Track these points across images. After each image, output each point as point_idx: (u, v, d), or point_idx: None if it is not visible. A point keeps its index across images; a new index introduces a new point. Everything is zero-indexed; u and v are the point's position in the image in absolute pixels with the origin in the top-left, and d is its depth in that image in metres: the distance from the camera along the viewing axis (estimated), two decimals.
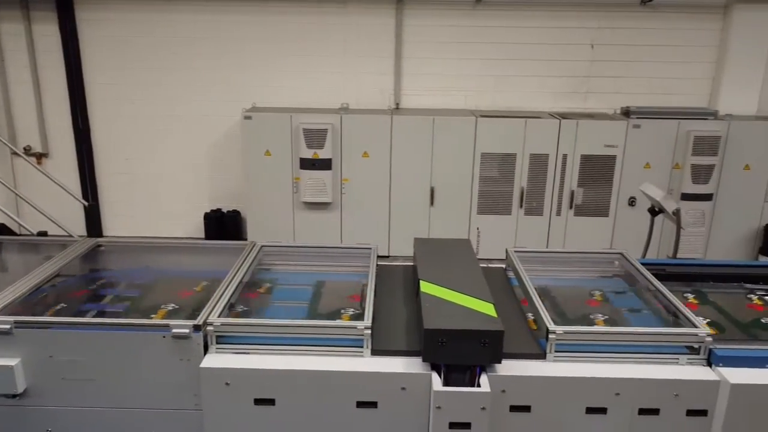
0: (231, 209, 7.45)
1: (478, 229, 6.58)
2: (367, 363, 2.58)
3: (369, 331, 2.61)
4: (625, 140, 6.29)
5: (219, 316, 2.67)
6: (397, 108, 7.10)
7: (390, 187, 6.59)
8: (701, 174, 6.25)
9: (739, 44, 6.63)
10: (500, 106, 7.05)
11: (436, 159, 6.46)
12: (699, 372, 2.62)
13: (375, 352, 2.63)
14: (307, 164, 6.55)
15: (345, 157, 6.55)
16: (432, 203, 6.58)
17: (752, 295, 3.43)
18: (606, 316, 3.02)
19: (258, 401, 2.55)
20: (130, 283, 3.27)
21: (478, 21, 6.91)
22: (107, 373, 2.62)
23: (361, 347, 2.62)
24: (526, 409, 2.58)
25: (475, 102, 7.11)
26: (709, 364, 2.67)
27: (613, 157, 6.33)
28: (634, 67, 6.94)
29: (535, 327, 2.88)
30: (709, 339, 2.66)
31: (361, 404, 2.54)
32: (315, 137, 6.45)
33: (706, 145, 6.18)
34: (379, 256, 3.52)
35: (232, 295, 2.92)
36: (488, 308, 2.64)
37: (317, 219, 6.72)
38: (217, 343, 2.63)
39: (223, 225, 7.40)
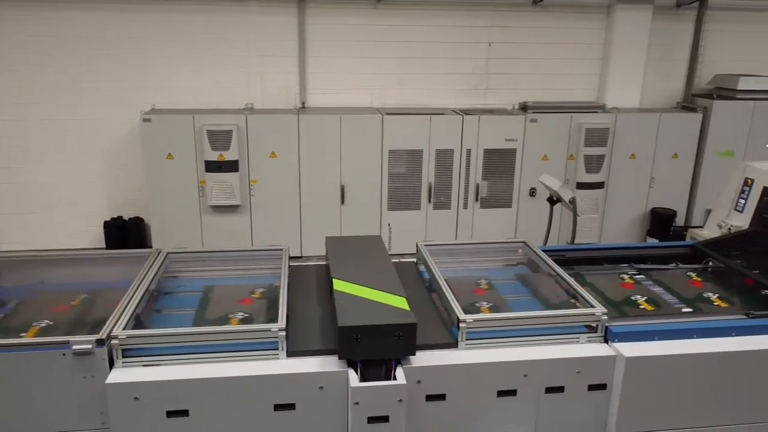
0: (133, 216, 7.12)
1: (389, 225, 6.67)
2: (283, 365, 2.56)
3: (284, 333, 2.59)
4: (524, 134, 6.59)
5: (124, 329, 2.55)
6: (303, 107, 7.06)
7: (300, 186, 6.54)
8: (593, 164, 6.67)
9: (620, 42, 7.12)
10: (405, 104, 7.18)
11: (344, 157, 6.48)
12: (598, 348, 2.81)
13: (291, 353, 2.61)
14: (212, 167, 6.37)
15: (252, 158, 6.43)
16: (343, 201, 6.61)
17: (636, 275, 3.71)
18: (512, 302, 3.16)
19: (171, 413, 2.47)
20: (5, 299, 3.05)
21: (379, 20, 7.00)
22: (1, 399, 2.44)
23: (277, 349, 2.60)
24: (442, 397, 2.66)
25: (381, 100, 7.20)
26: (606, 341, 2.86)
27: (513, 151, 6.61)
28: (529, 64, 7.28)
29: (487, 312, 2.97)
30: (605, 317, 2.86)
31: (278, 407, 2.52)
32: (220, 139, 6.29)
33: (597, 137, 6.60)
34: (291, 257, 3.50)
35: (137, 306, 2.80)
36: (401, 302, 2.69)
37: (226, 222, 6.56)
38: (124, 356, 2.52)
39: (126, 233, 7.05)
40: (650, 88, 7.42)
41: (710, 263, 3.87)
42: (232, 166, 6.37)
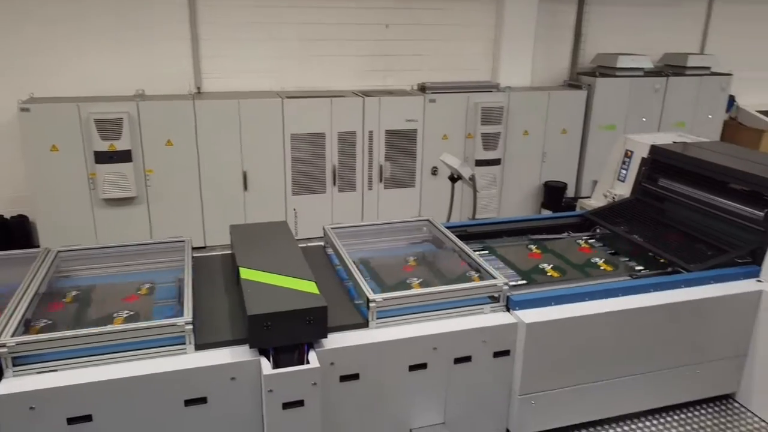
0: (16, 214, 6.58)
1: (294, 210, 6.61)
2: (192, 359, 2.50)
3: (190, 327, 2.52)
4: (424, 114, 6.72)
5: (13, 335, 2.38)
6: (199, 92, 6.79)
7: (199, 175, 6.32)
8: (490, 141, 6.93)
9: (511, 23, 7.39)
10: (306, 87, 7.10)
11: (245, 143, 6.32)
12: (501, 317, 2.96)
13: (199, 346, 2.55)
14: (103, 158, 6.00)
15: (146, 147, 6.12)
16: (246, 188, 6.46)
17: (531, 245, 3.92)
18: (420, 279, 3.25)
19: (72, 420, 2.34)
20: None
21: (276, 1, 6.84)
22: None
23: (184, 344, 2.52)
24: (355, 377, 2.70)
25: (281, 83, 7.06)
26: (508, 309, 3.02)
27: (414, 131, 6.73)
28: (426, 46, 7.41)
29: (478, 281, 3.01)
30: (507, 287, 3.01)
31: (189, 402, 2.46)
32: (109, 128, 5.93)
33: (492, 115, 6.85)
34: (194, 248, 3.39)
35: (26, 310, 2.61)
36: (310, 286, 2.69)
37: (121, 216, 6.22)
38: (15, 365, 2.35)
39: (9, 233, 6.51)
40: (540, 67, 7.78)
41: (598, 230, 4.16)
42: (124, 157, 6.03)
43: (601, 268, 3.54)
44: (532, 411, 3.08)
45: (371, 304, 2.76)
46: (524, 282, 3.30)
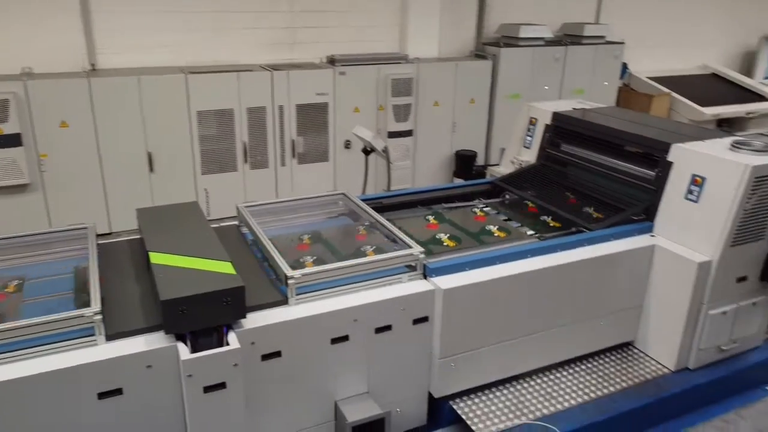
0: None
1: (205, 190, 6.41)
2: (103, 350, 2.39)
3: (100, 317, 2.40)
4: (334, 87, 6.66)
5: None
6: (94, 69, 6.38)
7: (100, 157, 5.97)
8: (401, 113, 7.00)
9: None
10: (210, 61, 6.83)
11: (148, 122, 6.03)
12: (418, 285, 3.02)
13: (111, 336, 2.45)
14: None
15: (38, 130, 5.70)
16: (152, 169, 6.18)
17: (430, 216, 4.02)
18: (338, 253, 3.26)
19: None
20: None
21: None
22: None
23: (94, 335, 2.41)
24: (277, 354, 2.69)
25: (184, 58, 6.75)
26: (425, 277, 3.09)
27: (325, 105, 6.66)
28: (334, 17, 7.31)
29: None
30: (422, 256, 3.07)
31: (103, 395, 2.36)
32: None
33: (402, 87, 6.90)
34: (99, 235, 3.22)
35: None
36: (226, 267, 2.63)
37: (14, 204, 5.79)
38: None
39: None
40: (446, 38, 7.88)
41: (507, 196, 4.32)
42: (13, 141, 5.59)
43: (512, 231, 3.69)
44: (453, 373, 3.20)
45: (290, 281, 2.74)
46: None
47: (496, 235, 3.63)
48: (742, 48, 10.08)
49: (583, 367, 3.67)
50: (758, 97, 9.06)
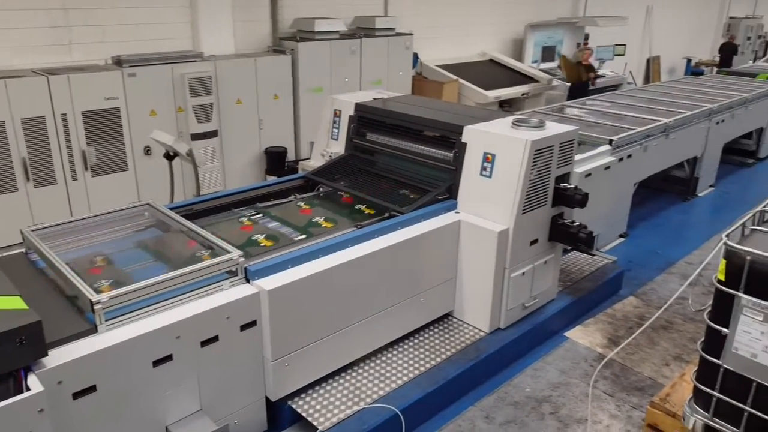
0: None
1: None
2: None
3: None
4: (124, 90, 6.14)
5: None
6: None
7: None
8: (203, 113, 6.68)
9: None
10: None
11: None
12: (241, 290, 2.93)
13: None
14: None
15: None
16: None
17: (255, 215, 3.95)
18: (149, 268, 3.03)
19: None
20: None
21: None
22: None
23: None
24: (91, 389, 2.43)
25: None
26: (248, 281, 3.01)
27: (116, 109, 6.12)
28: (115, 14, 6.71)
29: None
30: (242, 260, 2.98)
31: None
32: None
33: (201, 86, 6.59)
34: None
35: None
36: (14, 302, 2.30)
37: None
38: None
39: None
40: (242, 34, 7.67)
41: (321, 189, 4.36)
42: None
43: (330, 223, 3.74)
44: (288, 373, 3.16)
45: (96, 307, 2.48)
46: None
47: (323, 226, 3.65)
48: (512, 35, 11.29)
49: (411, 343, 3.87)
50: (529, 79, 10.22)
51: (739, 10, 17.19)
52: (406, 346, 3.83)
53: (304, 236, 3.53)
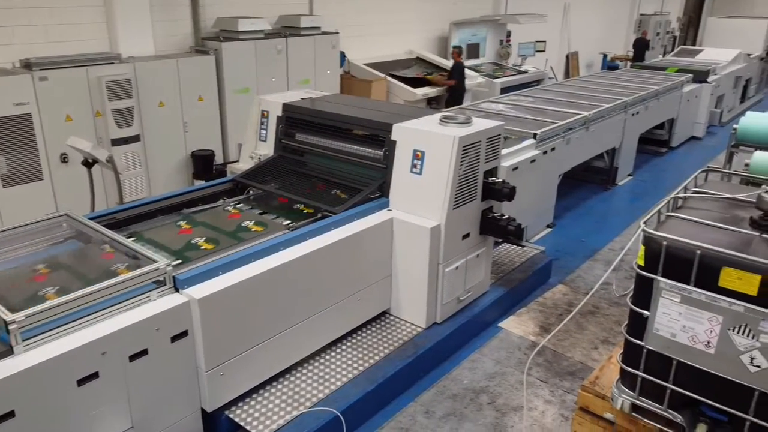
0: None
1: None
2: None
3: None
4: (36, 95, 5.79)
5: None
6: None
7: None
8: (123, 117, 6.40)
9: None
10: None
11: None
12: (170, 300, 2.82)
13: None
14: None
15: None
16: None
17: (181, 221, 3.83)
18: (71, 282, 2.87)
19: None
20: None
21: None
22: None
23: None
24: (9, 416, 2.28)
25: None
26: (177, 290, 2.90)
27: (28, 116, 5.77)
28: (24, 14, 6.33)
29: None
30: (170, 268, 2.88)
31: None
32: None
33: (120, 89, 6.31)
34: None
35: None
36: None
37: None
38: None
39: None
40: (162, 34, 7.40)
41: (251, 192, 4.28)
42: None
43: (262, 226, 3.66)
44: (223, 382, 3.08)
45: (11, 327, 2.33)
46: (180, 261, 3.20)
47: (244, 233, 3.57)
48: (438, 33, 11.44)
49: (349, 343, 3.85)
50: None
51: (649, 7, 18.14)
52: (344, 347, 3.81)
53: (234, 241, 3.45)
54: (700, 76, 10.04)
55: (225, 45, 7.39)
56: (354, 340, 3.88)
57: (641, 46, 15.04)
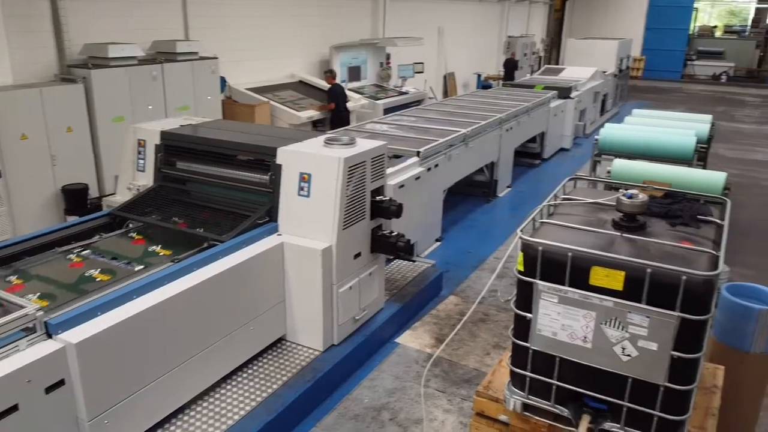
0: None
1: None
2: None
3: None
4: None
5: None
6: None
7: None
8: None
9: None
10: None
11: None
12: (43, 348, 2.60)
13: None
14: None
15: None
16: None
17: (71, 255, 3.58)
18: None
19: None
20: None
21: None
22: None
23: None
24: None
25: None
26: (50, 336, 2.68)
27: None
28: None
29: None
30: (41, 313, 2.66)
31: None
32: None
33: None
34: None
35: None
36: None
37: None
38: None
39: None
40: (21, 62, 6.87)
41: (131, 225, 4.05)
42: None
43: (145, 261, 3.48)
44: (108, 431, 2.87)
45: None
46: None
47: (129, 267, 3.37)
48: (319, 57, 11.55)
49: (245, 374, 3.73)
50: None
51: (515, 30, 19.43)
52: (240, 378, 3.69)
53: (113, 278, 3.24)
54: (564, 92, 10.88)
55: (94, 72, 6.99)
56: (250, 371, 3.77)
57: (511, 66, 16.04)
